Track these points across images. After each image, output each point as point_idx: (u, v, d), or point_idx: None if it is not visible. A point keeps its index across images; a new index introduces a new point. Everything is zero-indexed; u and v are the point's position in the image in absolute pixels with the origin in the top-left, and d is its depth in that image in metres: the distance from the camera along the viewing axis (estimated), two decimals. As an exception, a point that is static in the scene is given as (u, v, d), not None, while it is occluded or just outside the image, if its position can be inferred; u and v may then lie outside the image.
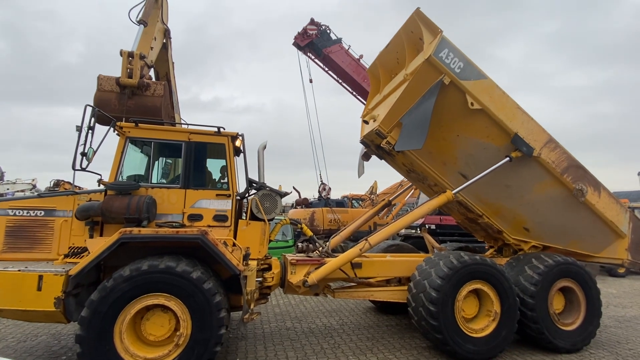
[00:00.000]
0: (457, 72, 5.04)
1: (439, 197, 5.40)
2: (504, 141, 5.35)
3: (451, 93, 5.09)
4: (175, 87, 7.52)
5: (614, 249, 6.09)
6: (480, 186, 5.57)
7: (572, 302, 5.56)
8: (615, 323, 6.80)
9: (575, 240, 6.05)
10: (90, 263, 3.78)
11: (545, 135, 5.48)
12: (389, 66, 6.15)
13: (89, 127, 4.06)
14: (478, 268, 4.98)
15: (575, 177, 5.55)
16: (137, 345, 3.85)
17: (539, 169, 5.48)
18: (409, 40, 5.47)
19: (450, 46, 5.02)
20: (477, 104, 5.12)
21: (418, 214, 5.57)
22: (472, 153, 5.52)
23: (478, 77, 5.19)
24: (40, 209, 4.29)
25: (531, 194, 5.68)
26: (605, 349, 5.43)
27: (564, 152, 5.54)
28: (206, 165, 5.24)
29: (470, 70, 5.14)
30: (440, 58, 4.94)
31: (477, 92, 5.14)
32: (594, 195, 5.68)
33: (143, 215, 4.17)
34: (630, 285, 10.97)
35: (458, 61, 5.04)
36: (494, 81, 5.26)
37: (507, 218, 5.96)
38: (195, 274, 3.93)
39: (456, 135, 5.44)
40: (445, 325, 4.70)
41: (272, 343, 5.38)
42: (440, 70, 4.98)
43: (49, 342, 5.26)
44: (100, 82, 5.32)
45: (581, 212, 5.73)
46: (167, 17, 7.21)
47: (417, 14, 5.09)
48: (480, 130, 5.36)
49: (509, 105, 5.34)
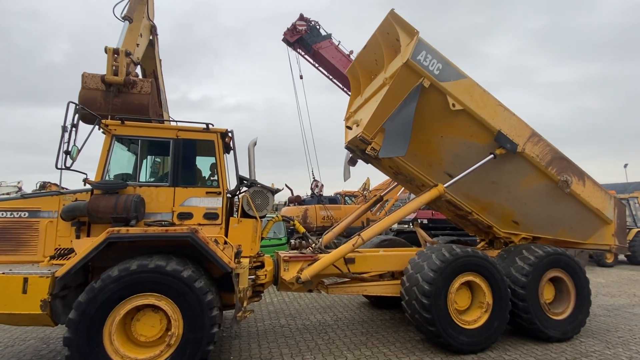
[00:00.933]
0: (436, 74, 5.01)
1: (431, 191, 5.43)
2: (488, 139, 5.37)
3: (432, 95, 5.07)
4: (163, 85, 7.39)
5: (601, 235, 6.21)
6: (467, 184, 5.62)
7: (562, 291, 5.65)
8: (604, 312, 6.93)
9: (564, 229, 6.15)
10: (76, 264, 3.69)
11: (528, 130, 5.51)
12: (368, 67, 6.12)
13: (73, 125, 3.96)
14: (470, 260, 5.02)
15: (559, 168, 5.62)
16: (128, 346, 3.78)
17: (524, 163, 5.52)
18: (386, 42, 5.43)
19: (428, 48, 4.98)
20: (459, 104, 5.11)
21: (410, 209, 5.59)
22: (457, 153, 5.53)
23: (457, 77, 5.16)
24: (24, 210, 4.17)
25: (518, 188, 5.73)
26: (595, 337, 5.52)
27: (547, 145, 5.60)
28: (195, 162, 5.17)
29: (450, 70, 5.11)
30: (419, 61, 4.91)
31: (458, 92, 5.12)
32: (579, 185, 5.76)
33: (131, 214, 4.09)
34: (618, 275, 11.21)
35: (436, 62, 5.01)
36: (474, 80, 5.24)
37: (495, 213, 6.03)
38: (185, 273, 3.87)
39: (440, 137, 5.45)
40: (438, 317, 4.73)
41: (267, 341, 5.35)
42: (419, 73, 4.94)
43: (38, 346, 5.15)
44: (85, 80, 5.19)
45: (568, 202, 5.81)
46: (153, 13, 7.07)
47: (392, 15, 5.04)
48: (463, 130, 5.36)
49: (490, 103, 5.35)
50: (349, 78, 6.91)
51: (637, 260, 13.22)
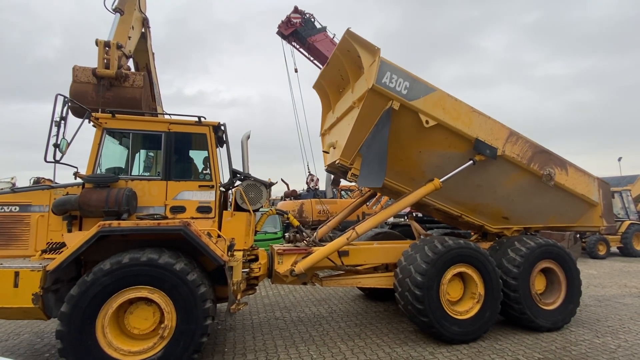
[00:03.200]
0: (405, 94, 4.90)
1: (427, 185, 5.37)
2: (467, 147, 5.33)
3: (404, 115, 4.98)
4: (157, 79, 7.32)
5: (589, 217, 6.30)
6: (453, 190, 5.65)
7: (553, 282, 5.72)
8: (595, 302, 7.03)
9: (554, 216, 6.27)
10: (68, 258, 3.69)
11: (505, 131, 5.48)
12: (334, 82, 6.04)
13: (62, 118, 3.92)
14: (462, 252, 5.06)
15: (541, 163, 5.64)
16: (121, 339, 3.80)
17: (506, 164, 5.52)
18: (348, 59, 5.30)
19: (392, 67, 4.84)
20: (432, 120, 5.03)
21: (405, 203, 5.53)
22: (438, 164, 5.50)
23: (427, 91, 5.05)
24: (15, 205, 4.15)
25: (503, 187, 5.76)
26: (585, 327, 5.61)
27: (526, 142, 5.59)
28: (188, 156, 5.15)
29: (418, 87, 5.00)
30: (384, 84, 4.77)
31: (429, 108, 5.04)
32: (562, 175, 5.81)
33: (123, 208, 4.08)
34: (610, 267, 11.35)
35: (403, 81, 4.88)
36: (444, 90, 5.16)
37: (484, 213, 6.10)
38: (178, 266, 3.88)
39: (418, 152, 5.40)
40: (431, 308, 4.78)
41: (261, 333, 5.39)
42: (387, 96, 4.84)
43: (32, 340, 5.16)
44: (76, 73, 5.14)
45: (553, 193, 5.87)
46: (145, 5, 6.98)
47: (349, 34, 4.93)
48: (440, 142, 5.31)
49: (464, 111, 5.27)
50: (317, 93, 6.76)
51: (629, 252, 13.39)
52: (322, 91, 6.57)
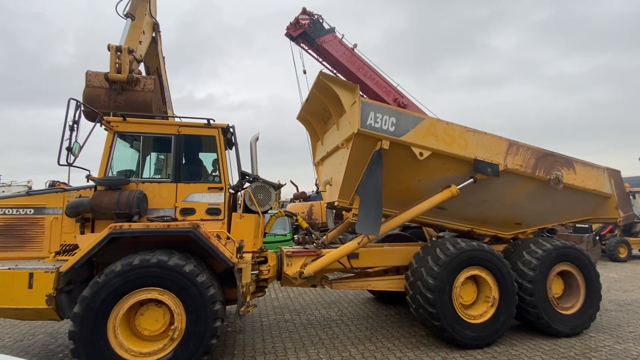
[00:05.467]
0: (393, 131, 4.72)
1: (444, 192, 5.19)
2: (467, 168, 5.16)
3: (396, 151, 4.81)
4: (167, 82, 7.42)
5: (605, 209, 6.07)
6: (459, 209, 5.54)
7: (572, 285, 5.52)
8: (616, 307, 6.77)
9: (566, 214, 6.11)
10: (80, 259, 3.73)
11: (503, 144, 5.28)
12: (317, 114, 5.92)
13: (74, 122, 3.99)
14: (475, 254, 4.94)
15: (546, 167, 5.43)
16: (132, 340, 3.82)
17: (510, 176, 5.32)
18: (327, 95, 5.13)
19: (374, 106, 4.70)
20: (426, 150, 4.86)
21: (420, 210, 5.26)
22: (440, 187, 5.31)
23: (415, 122, 4.87)
24: (30, 207, 4.24)
25: (511, 198, 5.58)
26: (606, 332, 5.40)
27: (528, 149, 5.38)
28: (197, 158, 5.19)
29: (405, 120, 4.83)
30: (370, 126, 4.61)
31: (421, 139, 4.86)
32: (570, 175, 5.59)
33: (133, 210, 4.11)
34: (632, 270, 10.95)
35: (389, 118, 4.71)
36: (433, 116, 5.04)
37: (495, 223, 5.97)
38: (188, 267, 3.88)
39: (417, 181, 5.25)
40: (443, 312, 4.67)
41: (271, 335, 5.36)
42: (374, 137, 4.69)
43: (46, 340, 5.25)
44: (89, 78, 5.24)
45: (563, 193, 5.66)
46: (156, 10, 7.09)
47: (323, 76, 4.83)
48: (439, 169, 5.15)
49: (457, 134, 5.07)
50: (302, 124, 6.62)
51: (652, 255, 12.91)
52: (306, 122, 6.45)
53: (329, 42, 11.94)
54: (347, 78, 12.66)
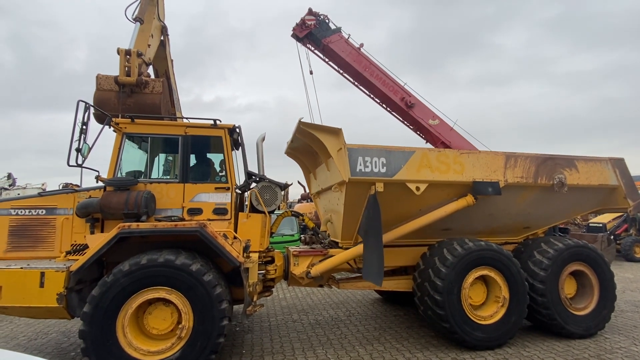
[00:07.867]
0: (385, 172, 4.61)
1: (459, 201, 5.07)
2: (467, 189, 5.04)
3: (392, 190, 4.68)
4: (175, 85, 7.51)
5: (613, 199, 5.90)
6: (464, 226, 5.49)
7: (585, 286, 5.39)
8: (632, 307, 6.58)
9: (575, 210, 6.03)
10: (90, 259, 3.79)
11: (500, 159, 5.15)
12: (304, 149, 5.78)
13: (83, 123, 4.06)
14: (483, 254, 4.85)
15: (548, 172, 5.29)
16: (141, 338, 3.86)
17: (512, 188, 5.18)
18: (311, 139, 5.04)
19: (362, 150, 4.56)
20: (422, 184, 4.74)
21: (435, 217, 5.10)
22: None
23: (406, 158, 4.74)
24: (42, 208, 4.32)
25: (516, 207, 5.46)
26: (621, 334, 5.25)
27: (526, 158, 5.24)
28: (204, 158, 5.23)
29: (395, 158, 4.70)
30: (360, 172, 4.51)
31: (415, 173, 4.74)
32: (573, 175, 5.45)
33: (142, 210, 4.16)
34: (649, 270, 10.63)
35: (378, 159, 4.59)
36: (424, 147, 4.90)
37: (503, 231, 5.88)
38: (194, 267, 3.91)
39: (419, 210, 5.11)
40: (452, 313, 4.60)
41: (278, 335, 5.36)
42: (367, 182, 4.58)
43: (59, 339, 5.34)
44: (99, 81, 5.34)
45: (569, 193, 5.51)
46: (164, 14, 7.18)
47: (304, 125, 4.76)
48: (438, 196, 5.01)
49: (451, 159, 4.96)
50: (291, 159, 6.46)
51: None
52: (295, 157, 6.37)
53: (335, 42, 11.92)
54: (354, 78, 12.63)
